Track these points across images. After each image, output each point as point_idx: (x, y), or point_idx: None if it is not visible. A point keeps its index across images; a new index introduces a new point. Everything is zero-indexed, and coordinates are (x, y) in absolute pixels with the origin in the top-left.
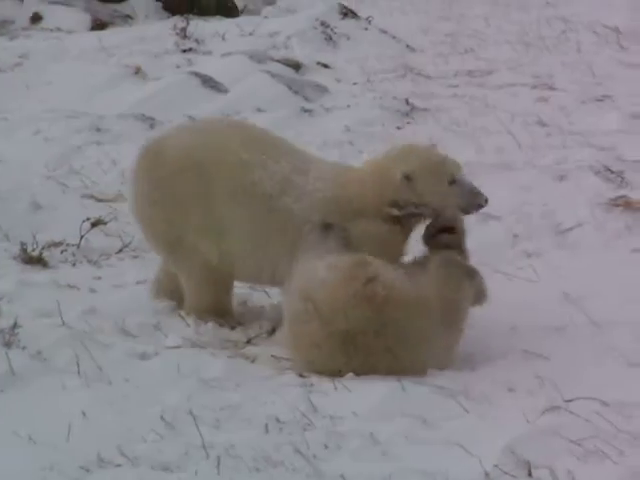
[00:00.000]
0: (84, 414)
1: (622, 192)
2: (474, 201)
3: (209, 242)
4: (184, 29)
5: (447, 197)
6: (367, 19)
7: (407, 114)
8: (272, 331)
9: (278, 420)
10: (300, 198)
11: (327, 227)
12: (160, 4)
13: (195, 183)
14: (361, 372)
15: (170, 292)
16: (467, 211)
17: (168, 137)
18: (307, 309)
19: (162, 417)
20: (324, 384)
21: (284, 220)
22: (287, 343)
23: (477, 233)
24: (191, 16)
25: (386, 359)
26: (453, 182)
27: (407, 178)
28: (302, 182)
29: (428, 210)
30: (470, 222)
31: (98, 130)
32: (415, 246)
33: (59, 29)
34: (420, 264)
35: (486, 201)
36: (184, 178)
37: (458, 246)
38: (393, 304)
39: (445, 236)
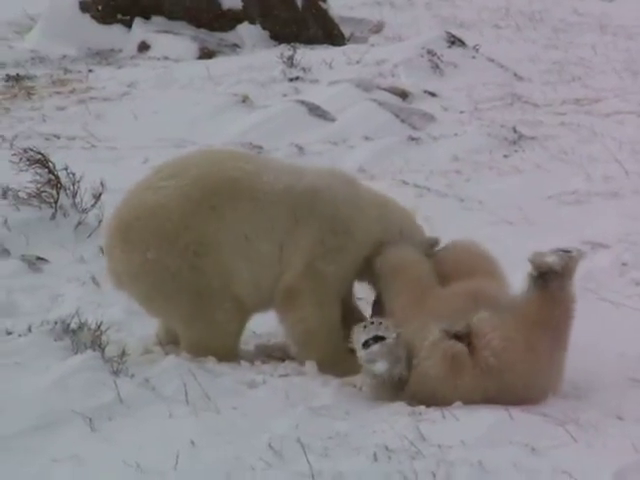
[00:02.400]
0: (192, 443)
1: None
2: None
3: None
4: (291, 57)
5: None
6: (474, 47)
7: (514, 142)
8: None
9: (387, 448)
10: (315, 180)
11: None
12: (267, 33)
13: (212, 215)
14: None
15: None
16: None
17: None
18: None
19: (270, 445)
20: (432, 413)
21: (310, 200)
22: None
23: (585, 261)
24: (298, 44)
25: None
26: None
27: None
28: (307, 170)
29: None
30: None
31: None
32: None
33: (166, 58)
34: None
35: None
36: (204, 216)
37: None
38: (508, 368)
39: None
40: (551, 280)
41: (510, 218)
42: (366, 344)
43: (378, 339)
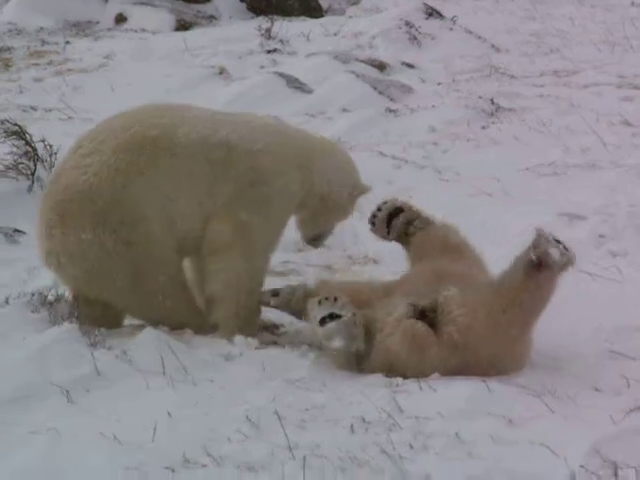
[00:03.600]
0: (169, 414)
1: None
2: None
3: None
4: (268, 30)
5: None
6: (452, 19)
7: (492, 114)
8: None
9: (364, 420)
10: (235, 130)
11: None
12: (244, 5)
13: (138, 183)
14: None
15: None
16: (316, 242)
17: (66, 168)
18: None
19: (247, 417)
20: (409, 384)
21: (226, 152)
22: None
23: (562, 233)
24: (275, 17)
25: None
26: None
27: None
28: (231, 119)
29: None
30: (555, 222)
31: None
32: None
33: (143, 30)
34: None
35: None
36: (131, 187)
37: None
38: (473, 345)
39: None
40: (544, 270)
41: (488, 190)
42: (322, 321)
43: (334, 317)
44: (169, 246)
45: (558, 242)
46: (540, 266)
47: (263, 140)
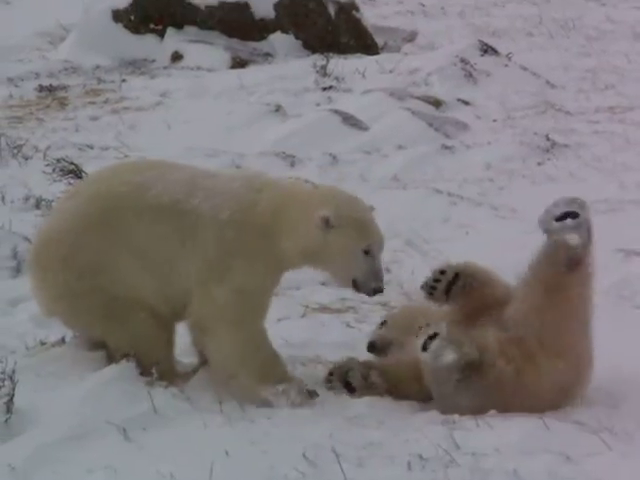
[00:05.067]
0: (227, 453)
1: None
2: (373, 282)
3: (140, 282)
4: (324, 67)
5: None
6: (507, 55)
7: (548, 150)
8: None
9: (421, 457)
10: (208, 197)
11: None
12: (300, 42)
13: (103, 233)
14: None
15: None
16: (359, 289)
17: (50, 221)
18: None
19: (304, 455)
20: (466, 421)
21: (194, 222)
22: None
23: (619, 269)
24: (331, 54)
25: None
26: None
27: (326, 222)
28: (210, 184)
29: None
30: (611, 258)
31: (238, 168)
32: None
33: (199, 68)
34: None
35: (381, 290)
36: (95, 235)
37: None
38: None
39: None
40: (576, 265)
41: None
42: (424, 347)
43: (434, 336)
44: (138, 297)
45: (566, 215)
46: (570, 264)
47: (230, 208)
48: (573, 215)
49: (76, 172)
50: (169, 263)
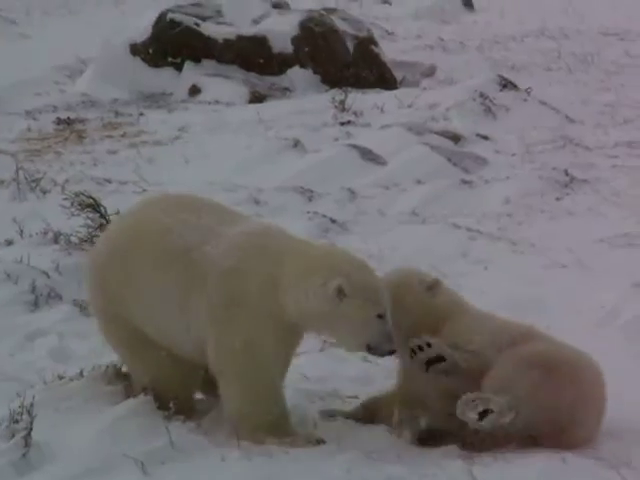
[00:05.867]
0: None
1: None
2: (386, 345)
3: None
4: (342, 102)
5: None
6: (526, 90)
7: (566, 185)
8: None
9: None
10: (219, 244)
11: None
12: (318, 77)
13: (124, 267)
14: None
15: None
16: (373, 352)
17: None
18: None
19: None
20: (484, 456)
21: (203, 270)
22: None
23: (638, 304)
24: (349, 89)
25: None
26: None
27: (339, 291)
28: (225, 231)
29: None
30: (630, 293)
31: (257, 203)
32: None
33: (217, 102)
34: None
35: (394, 351)
36: (118, 268)
37: (455, 370)
38: None
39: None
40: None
41: (563, 261)
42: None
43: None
44: (150, 338)
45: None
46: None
47: (238, 259)
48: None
49: (94, 206)
50: (178, 309)
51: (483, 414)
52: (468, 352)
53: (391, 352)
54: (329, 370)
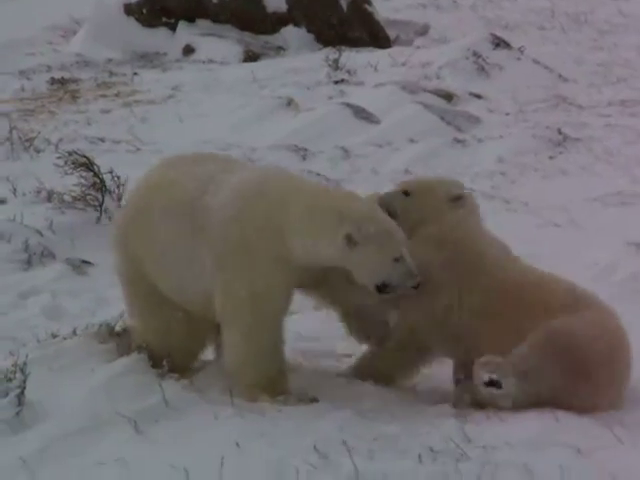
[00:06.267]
0: (237, 445)
1: None
2: (408, 282)
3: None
4: (336, 60)
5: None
6: (519, 49)
7: (560, 144)
8: None
9: (432, 450)
10: (217, 193)
11: None
12: (312, 36)
13: (140, 226)
14: None
15: None
16: (393, 290)
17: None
18: None
19: (315, 447)
20: (477, 415)
21: (205, 220)
22: None
23: (631, 262)
24: (343, 47)
25: None
26: (397, 260)
27: (349, 239)
28: (226, 179)
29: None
30: (623, 252)
31: (251, 161)
32: None
33: (211, 61)
34: None
35: (418, 284)
36: (135, 227)
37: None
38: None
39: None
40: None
41: (556, 220)
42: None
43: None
44: (163, 293)
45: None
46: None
47: (237, 207)
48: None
49: (88, 165)
50: (186, 261)
51: (491, 383)
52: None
53: (415, 287)
54: (323, 328)
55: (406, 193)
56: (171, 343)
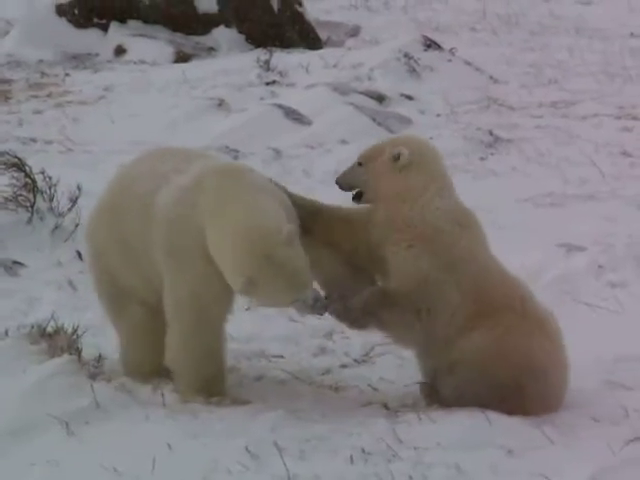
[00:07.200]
0: (169, 446)
1: None
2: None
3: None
4: (267, 61)
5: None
6: (450, 50)
7: (491, 145)
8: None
9: (363, 451)
10: (164, 193)
11: None
12: (243, 36)
13: (106, 220)
14: None
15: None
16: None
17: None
18: None
19: (247, 448)
20: (409, 415)
21: (153, 218)
22: None
23: (561, 264)
24: (274, 48)
25: None
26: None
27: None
28: (173, 179)
29: None
30: (554, 253)
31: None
32: None
33: (143, 62)
34: None
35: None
36: (102, 222)
37: None
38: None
39: None
40: None
41: (485, 221)
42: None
43: None
44: (127, 286)
45: None
46: None
47: (174, 212)
48: None
49: (19, 165)
50: (145, 256)
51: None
52: None
53: (321, 313)
54: (255, 330)
55: (360, 164)
56: (138, 339)
